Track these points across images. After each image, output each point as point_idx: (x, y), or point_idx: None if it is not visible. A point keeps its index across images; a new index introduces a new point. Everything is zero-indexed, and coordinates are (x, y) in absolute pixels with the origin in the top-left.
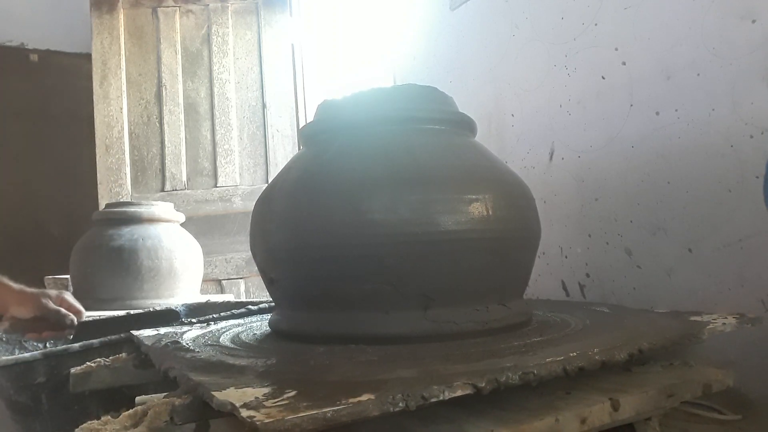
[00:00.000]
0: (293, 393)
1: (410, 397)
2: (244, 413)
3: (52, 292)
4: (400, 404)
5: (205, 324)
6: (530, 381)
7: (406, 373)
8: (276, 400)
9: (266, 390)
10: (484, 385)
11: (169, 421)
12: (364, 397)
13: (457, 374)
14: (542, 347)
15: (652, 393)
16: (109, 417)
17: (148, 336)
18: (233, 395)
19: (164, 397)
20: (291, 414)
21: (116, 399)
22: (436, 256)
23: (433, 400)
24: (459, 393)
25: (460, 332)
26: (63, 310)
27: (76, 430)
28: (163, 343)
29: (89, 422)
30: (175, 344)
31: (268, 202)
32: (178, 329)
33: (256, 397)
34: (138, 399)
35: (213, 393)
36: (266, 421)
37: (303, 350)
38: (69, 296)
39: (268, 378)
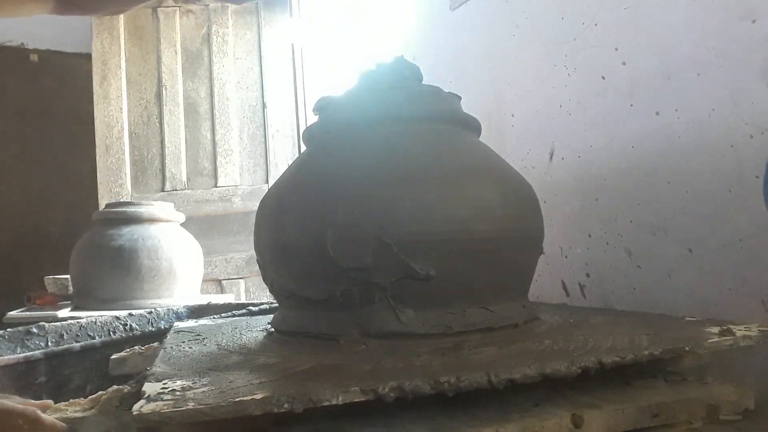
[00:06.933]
0: (203, 389)
1: (296, 399)
2: (136, 405)
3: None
4: (285, 406)
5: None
6: (445, 391)
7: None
8: (178, 393)
9: (185, 383)
10: (387, 391)
11: (119, 406)
12: (248, 397)
13: (366, 377)
14: (493, 353)
15: (630, 411)
16: (79, 400)
17: (184, 327)
18: (152, 387)
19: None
20: (171, 408)
21: None
22: (425, 258)
23: (325, 403)
24: (357, 399)
25: (426, 334)
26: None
27: (47, 410)
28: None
29: (59, 403)
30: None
31: (262, 202)
32: (212, 321)
33: (163, 390)
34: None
35: (146, 383)
36: (144, 412)
37: (273, 348)
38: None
39: (212, 373)
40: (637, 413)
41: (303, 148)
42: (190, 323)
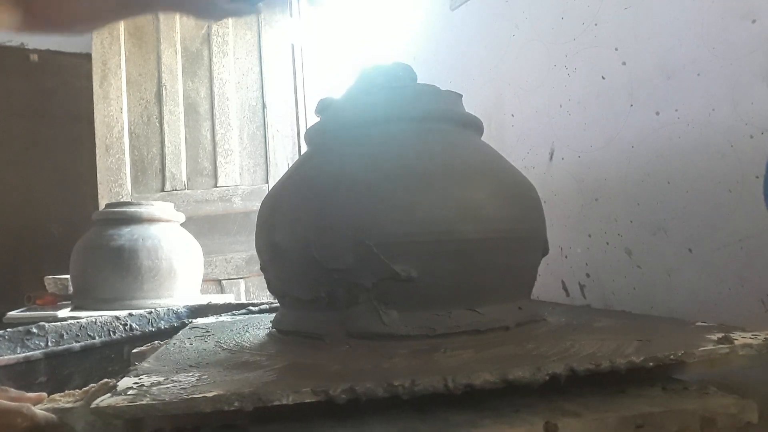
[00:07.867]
0: (169, 385)
1: (245, 398)
2: (98, 399)
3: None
4: (235, 404)
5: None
6: (399, 394)
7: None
8: (144, 388)
9: (156, 379)
10: (338, 393)
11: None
12: (200, 395)
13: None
14: (466, 357)
15: (611, 421)
16: (73, 391)
17: (201, 323)
18: (125, 382)
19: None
20: (127, 403)
21: None
22: (407, 260)
23: (276, 403)
24: (307, 399)
25: (408, 335)
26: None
27: (45, 400)
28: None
29: (54, 395)
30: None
31: (262, 203)
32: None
33: (133, 385)
34: None
35: (123, 378)
36: (101, 405)
37: (267, 346)
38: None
39: (190, 369)
40: (617, 423)
41: (304, 148)
42: (210, 319)
